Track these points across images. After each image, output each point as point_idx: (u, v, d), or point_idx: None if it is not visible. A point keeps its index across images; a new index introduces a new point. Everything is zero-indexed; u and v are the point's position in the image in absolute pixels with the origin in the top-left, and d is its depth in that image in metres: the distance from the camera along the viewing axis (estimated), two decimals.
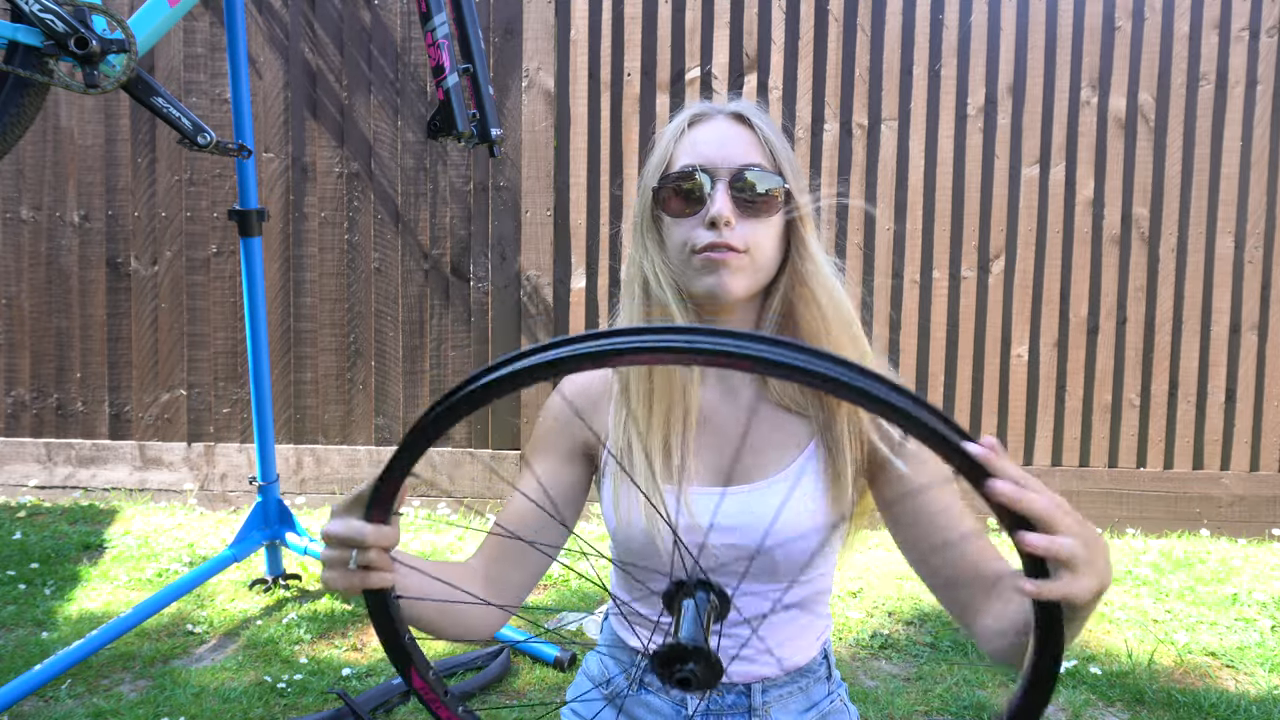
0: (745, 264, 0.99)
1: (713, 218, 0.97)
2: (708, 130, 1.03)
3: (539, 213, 3.37)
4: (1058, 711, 2.17)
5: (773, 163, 1.02)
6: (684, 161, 1.02)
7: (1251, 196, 3.31)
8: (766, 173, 1.00)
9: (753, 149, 1.02)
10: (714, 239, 0.98)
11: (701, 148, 1.02)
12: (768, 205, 1.00)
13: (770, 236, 1.01)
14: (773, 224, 1.01)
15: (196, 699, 2.14)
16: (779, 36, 3.31)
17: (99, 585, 2.74)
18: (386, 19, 3.37)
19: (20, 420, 3.50)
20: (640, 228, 1.06)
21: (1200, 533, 3.34)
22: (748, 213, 0.99)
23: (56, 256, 3.46)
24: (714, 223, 0.98)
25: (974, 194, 3.33)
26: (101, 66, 1.74)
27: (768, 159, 1.02)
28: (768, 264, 1.02)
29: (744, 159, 1.00)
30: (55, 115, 3.41)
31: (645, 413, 1.03)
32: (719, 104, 1.07)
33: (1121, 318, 3.36)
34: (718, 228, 0.98)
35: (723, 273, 0.98)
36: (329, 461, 3.45)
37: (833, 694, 1.15)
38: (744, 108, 1.05)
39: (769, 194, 1.00)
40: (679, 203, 1.01)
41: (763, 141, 1.03)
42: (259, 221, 2.46)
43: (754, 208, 0.99)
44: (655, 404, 1.03)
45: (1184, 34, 3.27)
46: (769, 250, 1.01)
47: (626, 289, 1.08)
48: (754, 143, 1.02)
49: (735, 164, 1.00)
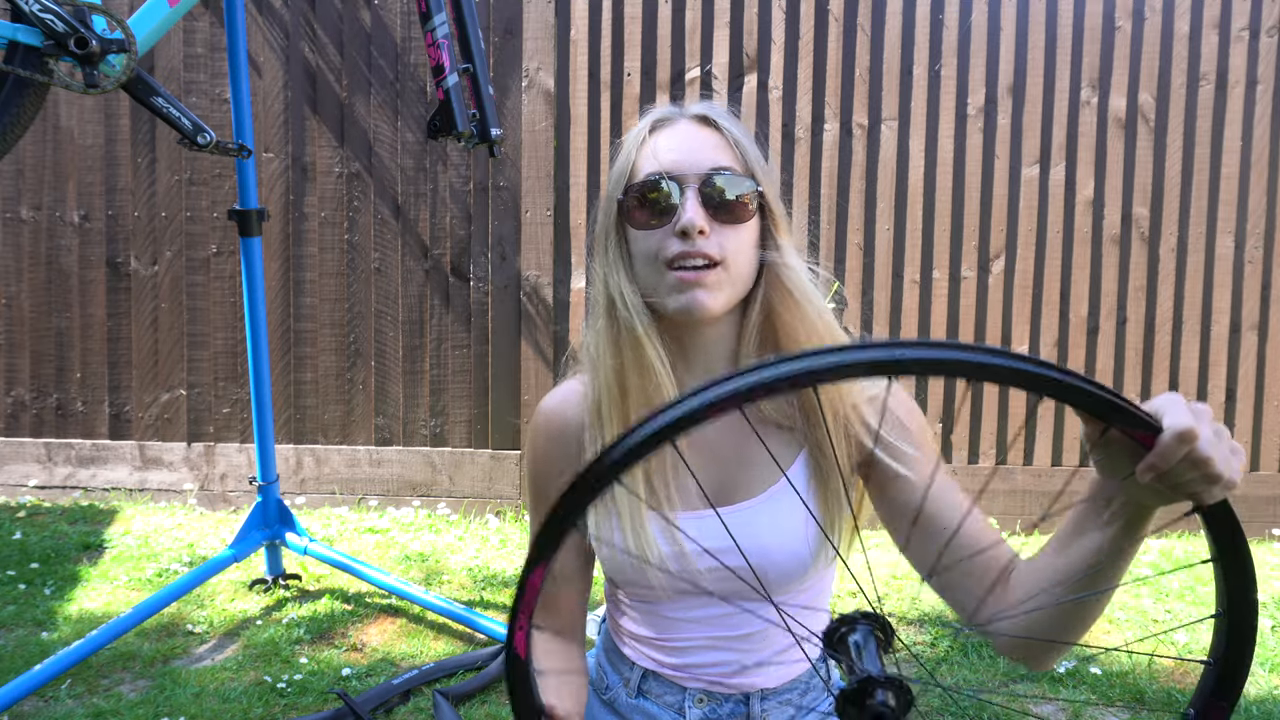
0: (722, 279, 0.93)
1: (683, 227, 0.91)
2: (671, 135, 0.97)
3: (539, 213, 3.37)
4: (1058, 711, 2.17)
5: (743, 165, 0.96)
6: (648, 170, 0.95)
7: (1251, 196, 3.31)
8: (737, 176, 0.94)
9: (721, 151, 0.96)
10: (686, 249, 0.92)
11: (665, 154, 0.95)
12: (741, 210, 0.94)
13: (746, 243, 0.95)
14: (748, 229, 0.95)
15: (196, 699, 2.14)
16: (779, 36, 3.31)
17: (99, 585, 2.74)
18: (386, 19, 3.37)
19: (20, 420, 3.50)
20: (604, 243, 0.99)
21: (1200, 533, 3.34)
22: (721, 219, 0.93)
23: (56, 256, 3.46)
24: (685, 232, 0.91)
25: (974, 194, 3.33)
26: (101, 66, 1.73)
27: (738, 161, 0.96)
28: (746, 273, 0.96)
29: (712, 162, 0.94)
30: (55, 115, 3.41)
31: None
32: (681, 107, 1.01)
33: (1121, 318, 3.36)
34: (690, 237, 0.91)
35: (698, 292, 0.92)
36: (329, 461, 3.45)
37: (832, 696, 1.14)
38: (708, 109, 0.99)
39: (741, 198, 0.94)
40: (645, 213, 0.95)
41: (731, 143, 0.97)
42: (259, 221, 2.46)
43: (727, 214, 0.93)
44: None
45: (1184, 34, 3.27)
46: (746, 258, 0.95)
47: (592, 311, 1.01)
48: (722, 144, 0.96)
49: (704, 168, 0.94)
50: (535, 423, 1.07)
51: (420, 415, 3.45)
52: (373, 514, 3.40)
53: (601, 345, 0.99)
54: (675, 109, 1.01)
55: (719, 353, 1.00)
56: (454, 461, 3.44)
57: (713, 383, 0.54)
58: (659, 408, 0.55)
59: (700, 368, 1.01)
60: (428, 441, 3.46)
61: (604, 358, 0.98)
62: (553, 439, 1.06)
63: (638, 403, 0.97)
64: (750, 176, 0.96)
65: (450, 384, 3.44)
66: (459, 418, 3.45)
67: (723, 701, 1.07)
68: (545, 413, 1.07)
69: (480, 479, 3.44)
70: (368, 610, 2.62)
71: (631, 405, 0.97)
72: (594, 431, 1.01)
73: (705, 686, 1.07)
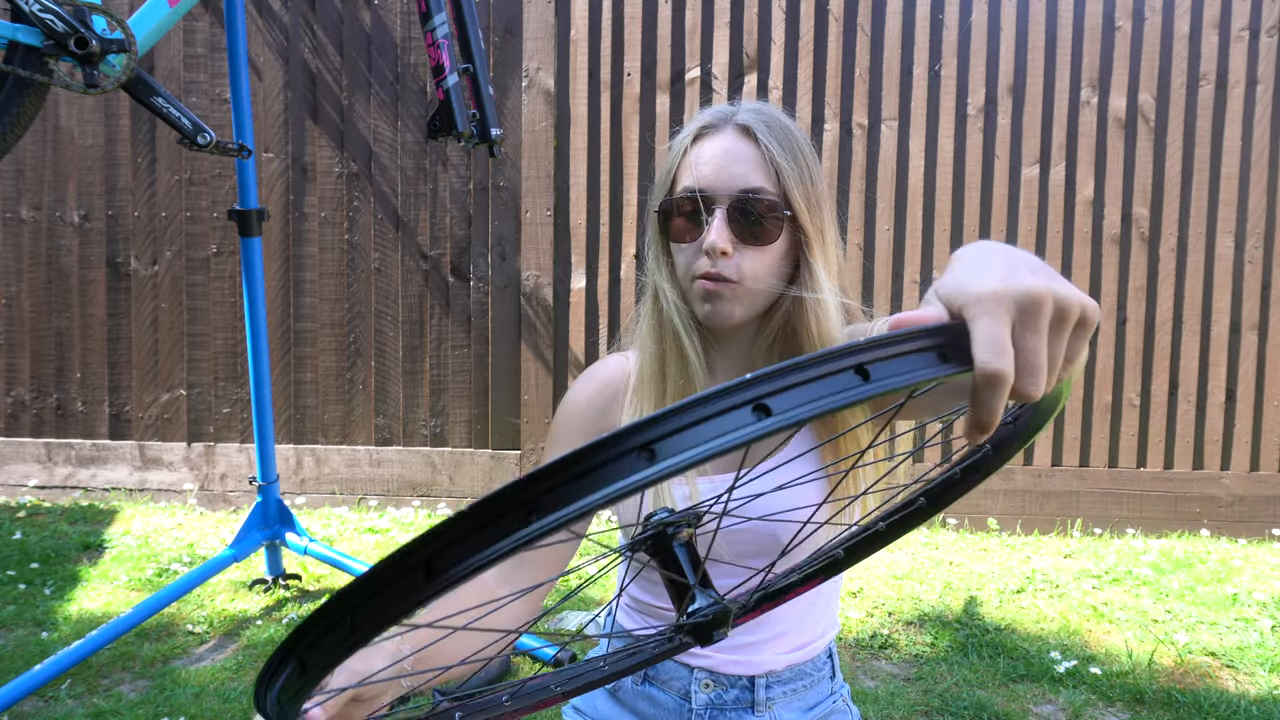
0: (741, 294, 0.99)
1: (707, 248, 0.97)
2: (712, 147, 1.00)
3: (539, 213, 3.37)
4: (1058, 711, 2.17)
5: (777, 184, 0.98)
6: (685, 183, 1.01)
7: (1251, 196, 3.31)
8: (767, 197, 0.98)
9: (756, 170, 0.98)
10: (708, 268, 0.98)
11: (703, 168, 0.99)
12: (767, 233, 0.98)
13: (767, 265, 1.00)
14: (771, 251, 1.00)
15: (196, 699, 2.14)
16: (779, 36, 3.31)
17: (99, 585, 2.74)
18: (386, 19, 3.37)
19: (20, 420, 3.50)
20: (652, 243, 1.07)
21: (1200, 533, 3.34)
22: (746, 240, 0.98)
23: (56, 256, 3.46)
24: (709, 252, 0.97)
25: (974, 194, 3.33)
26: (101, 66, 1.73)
27: (771, 179, 0.98)
28: (765, 291, 1.01)
29: (745, 182, 0.98)
30: (55, 115, 3.41)
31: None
32: (732, 108, 1.03)
33: (1121, 318, 3.36)
34: (712, 257, 0.97)
35: (718, 302, 0.99)
36: (329, 461, 3.45)
37: (835, 694, 1.16)
38: (754, 118, 1.00)
39: (768, 220, 0.98)
40: (681, 226, 1.01)
41: (768, 160, 0.99)
42: (259, 221, 2.46)
43: (752, 235, 0.98)
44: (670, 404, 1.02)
45: (1184, 34, 3.27)
46: (766, 279, 1.00)
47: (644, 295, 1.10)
48: (758, 162, 0.99)
49: (734, 189, 0.98)
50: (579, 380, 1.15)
51: (420, 415, 3.45)
52: (373, 514, 3.40)
53: (646, 330, 1.08)
54: (723, 114, 1.03)
55: (748, 352, 1.08)
56: (454, 461, 3.44)
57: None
58: (312, 616, 0.42)
59: (732, 361, 1.08)
60: (428, 441, 3.46)
61: (647, 342, 1.07)
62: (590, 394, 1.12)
63: (674, 389, 1.04)
64: (783, 195, 0.99)
65: (450, 384, 3.45)
66: (459, 418, 3.45)
67: (728, 687, 1.08)
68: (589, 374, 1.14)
69: (480, 479, 3.44)
70: None
71: (669, 390, 1.04)
72: (633, 407, 1.08)
73: (711, 666, 1.08)
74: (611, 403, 1.11)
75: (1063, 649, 2.43)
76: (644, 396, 1.06)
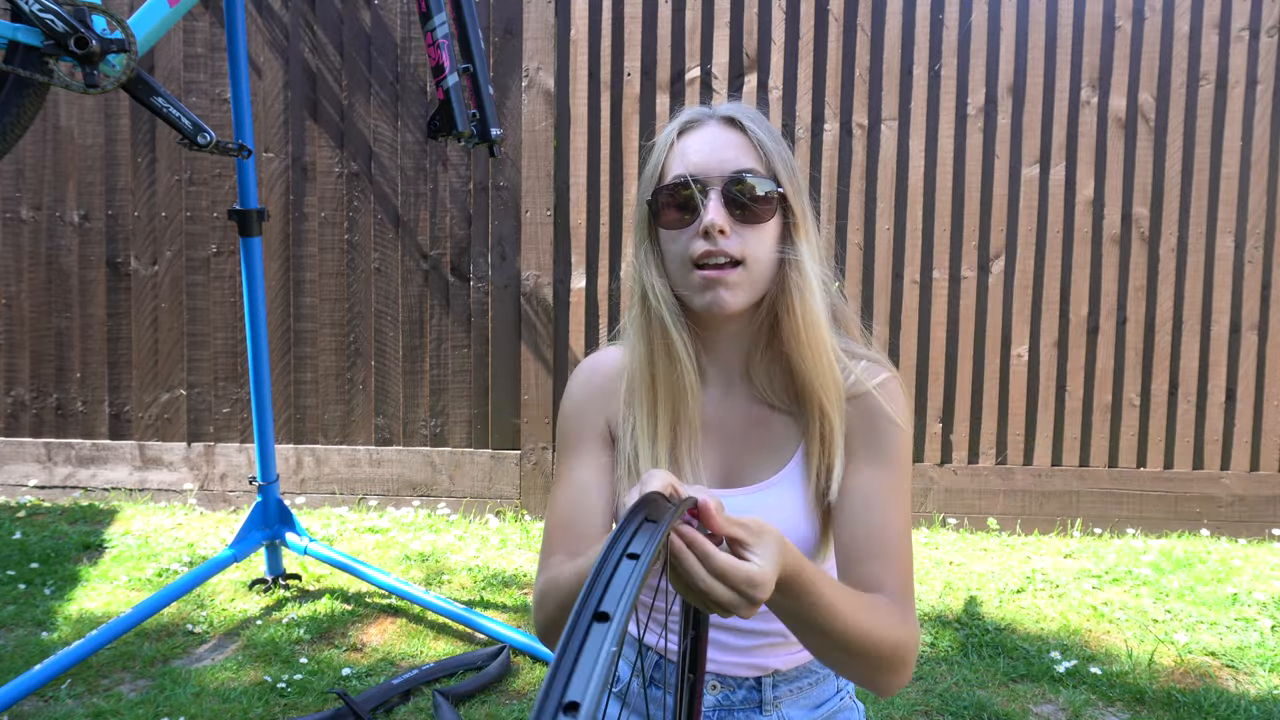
0: (743, 278, 1.00)
1: (705, 227, 0.98)
2: (698, 138, 1.03)
3: (539, 213, 3.37)
4: (1058, 711, 2.17)
5: (767, 166, 1.02)
6: (675, 172, 1.02)
7: (1251, 196, 3.31)
8: (759, 177, 1.01)
9: (745, 153, 1.02)
10: (709, 247, 0.98)
11: (692, 156, 1.02)
12: (762, 211, 1.00)
13: (765, 243, 1.01)
14: (768, 230, 1.02)
15: (196, 699, 2.14)
16: (779, 36, 3.31)
17: (99, 585, 2.74)
18: (386, 19, 3.37)
19: (20, 420, 3.50)
20: (639, 240, 1.08)
21: (1200, 533, 3.34)
22: (742, 219, 1.00)
23: (56, 256, 3.46)
24: (708, 232, 0.98)
25: (974, 194, 3.33)
26: (101, 66, 1.74)
27: (761, 162, 1.02)
28: (765, 272, 1.02)
29: (736, 165, 1.01)
30: (55, 115, 3.41)
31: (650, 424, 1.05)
32: (711, 108, 1.07)
33: (1121, 318, 3.36)
34: (712, 236, 0.98)
35: (720, 290, 0.99)
36: (329, 461, 3.45)
37: (841, 692, 1.17)
38: (736, 111, 1.05)
39: (762, 199, 1.00)
40: (673, 214, 1.02)
41: (755, 144, 1.02)
42: (259, 221, 2.46)
43: (748, 214, 1.00)
44: (660, 414, 1.05)
45: (1184, 34, 3.27)
46: (765, 257, 1.02)
47: (630, 298, 1.11)
48: (746, 146, 1.02)
49: (727, 171, 1.00)
50: (573, 377, 1.16)
51: (420, 415, 3.45)
52: (373, 514, 3.40)
53: (634, 332, 1.08)
54: (704, 110, 1.06)
55: (737, 347, 1.08)
56: (454, 461, 3.44)
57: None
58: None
59: (722, 359, 1.09)
60: (428, 441, 3.46)
61: (637, 344, 1.07)
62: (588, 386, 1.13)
63: (665, 389, 1.04)
64: (773, 177, 1.01)
65: (450, 384, 3.45)
66: (459, 418, 3.45)
67: (736, 688, 1.09)
68: (584, 367, 1.16)
69: (480, 479, 3.44)
70: (368, 610, 2.62)
71: (660, 392, 1.05)
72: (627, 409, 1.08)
73: (718, 669, 1.09)
74: (612, 396, 1.11)
75: (1063, 649, 2.43)
76: (637, 407, 1.06)
